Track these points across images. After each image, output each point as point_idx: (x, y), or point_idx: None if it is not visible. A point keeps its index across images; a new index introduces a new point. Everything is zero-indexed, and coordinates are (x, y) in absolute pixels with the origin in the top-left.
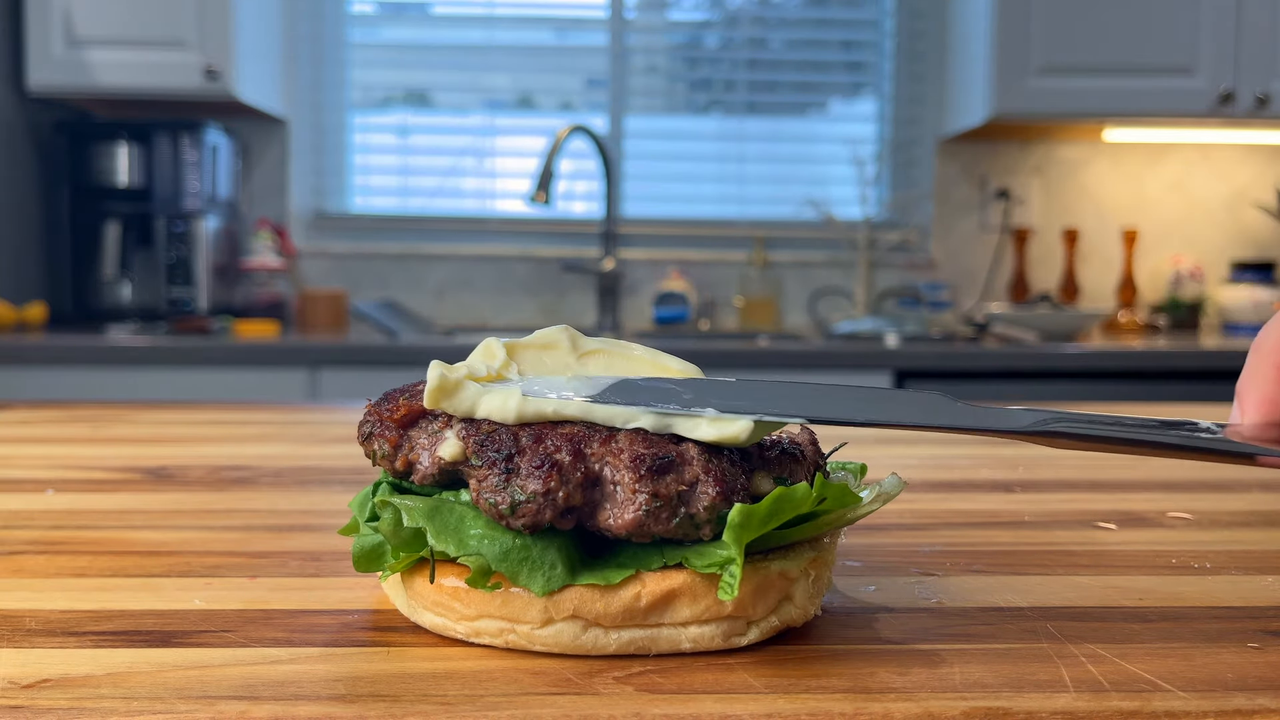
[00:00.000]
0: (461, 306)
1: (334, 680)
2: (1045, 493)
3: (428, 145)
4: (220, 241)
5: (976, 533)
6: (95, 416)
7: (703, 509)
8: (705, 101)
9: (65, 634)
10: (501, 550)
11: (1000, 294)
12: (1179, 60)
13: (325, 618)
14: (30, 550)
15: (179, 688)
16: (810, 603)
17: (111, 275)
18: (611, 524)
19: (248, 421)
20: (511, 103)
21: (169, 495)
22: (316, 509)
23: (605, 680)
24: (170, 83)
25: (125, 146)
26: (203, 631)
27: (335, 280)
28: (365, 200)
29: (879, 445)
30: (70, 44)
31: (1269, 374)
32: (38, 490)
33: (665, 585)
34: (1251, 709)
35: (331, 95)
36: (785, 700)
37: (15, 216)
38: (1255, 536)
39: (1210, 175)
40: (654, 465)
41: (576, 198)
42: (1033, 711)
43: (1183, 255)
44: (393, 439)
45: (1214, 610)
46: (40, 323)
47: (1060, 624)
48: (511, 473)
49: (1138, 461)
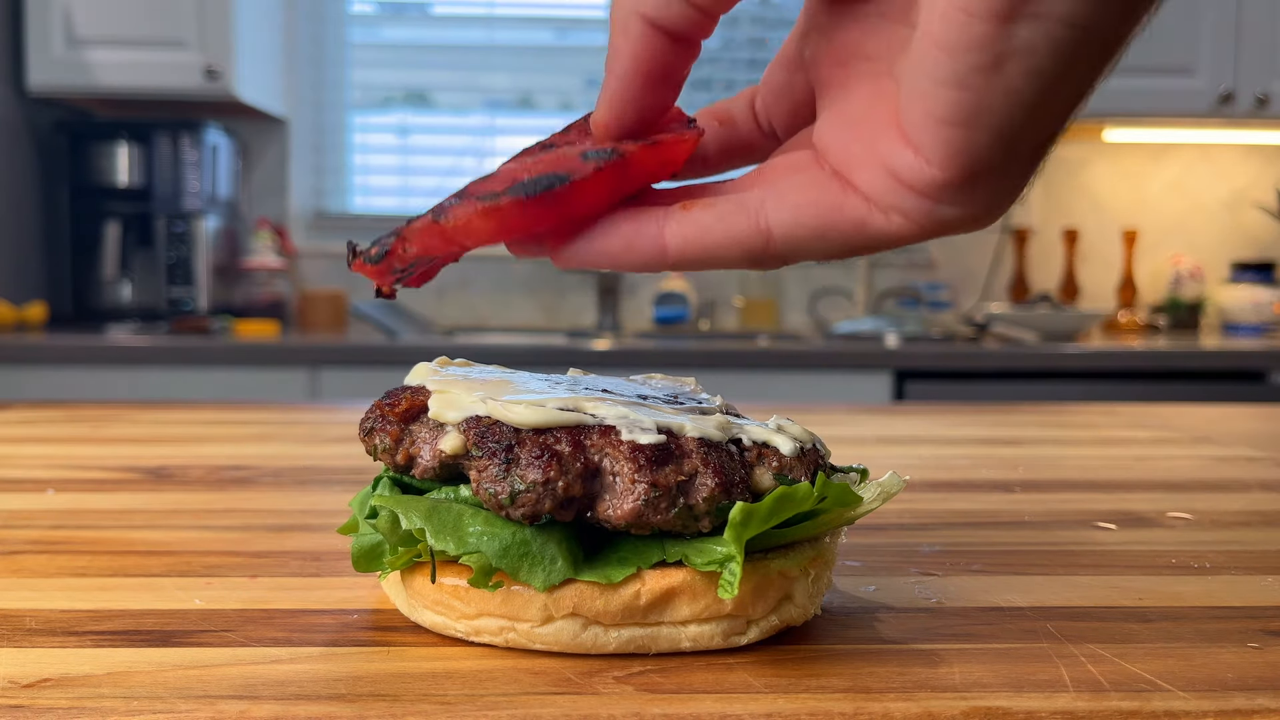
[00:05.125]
0: (461, 306)
1: (334, 680)
2: (1045, 493)
3: (428, 145)
4: (220, 241)
5: (976, 533)
6: (95, 416)
7: (701, 500)
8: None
9: (65, 634)
10: (501, 546)
11: (1000, 294)
12: (1179, 60)
13: (325, 617)
14: (30, 550)
15: (179, 687)
16: (810, 602)
17: (111, 275)
18: (611, 515)
19: (248, 421)
20: (511, 103)
21: (169, 495)
22: (316, 509)
23: (605, 680)
24: (170, 83)
25: (125, 146)
26: (203, 631)
27: (335, 280)
28: (365, 200)
29: (879, 445)
30: (70, 44)
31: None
32: (38, 490)
33: (665, 583)
34: (1251, 709)
35: (331, 95)
36: (785, 700)
37: (15, 216)
38: (1255, 536)
39: (1210, 175)
40: (653, 456)
41: None
42: (1033, 711)
43: (1183, 255)
44: (394, 433)
45: (1214, 610)
46: (40, 323)
47: (1060, 624)
48: (511, 463)
49: (1137, 461)
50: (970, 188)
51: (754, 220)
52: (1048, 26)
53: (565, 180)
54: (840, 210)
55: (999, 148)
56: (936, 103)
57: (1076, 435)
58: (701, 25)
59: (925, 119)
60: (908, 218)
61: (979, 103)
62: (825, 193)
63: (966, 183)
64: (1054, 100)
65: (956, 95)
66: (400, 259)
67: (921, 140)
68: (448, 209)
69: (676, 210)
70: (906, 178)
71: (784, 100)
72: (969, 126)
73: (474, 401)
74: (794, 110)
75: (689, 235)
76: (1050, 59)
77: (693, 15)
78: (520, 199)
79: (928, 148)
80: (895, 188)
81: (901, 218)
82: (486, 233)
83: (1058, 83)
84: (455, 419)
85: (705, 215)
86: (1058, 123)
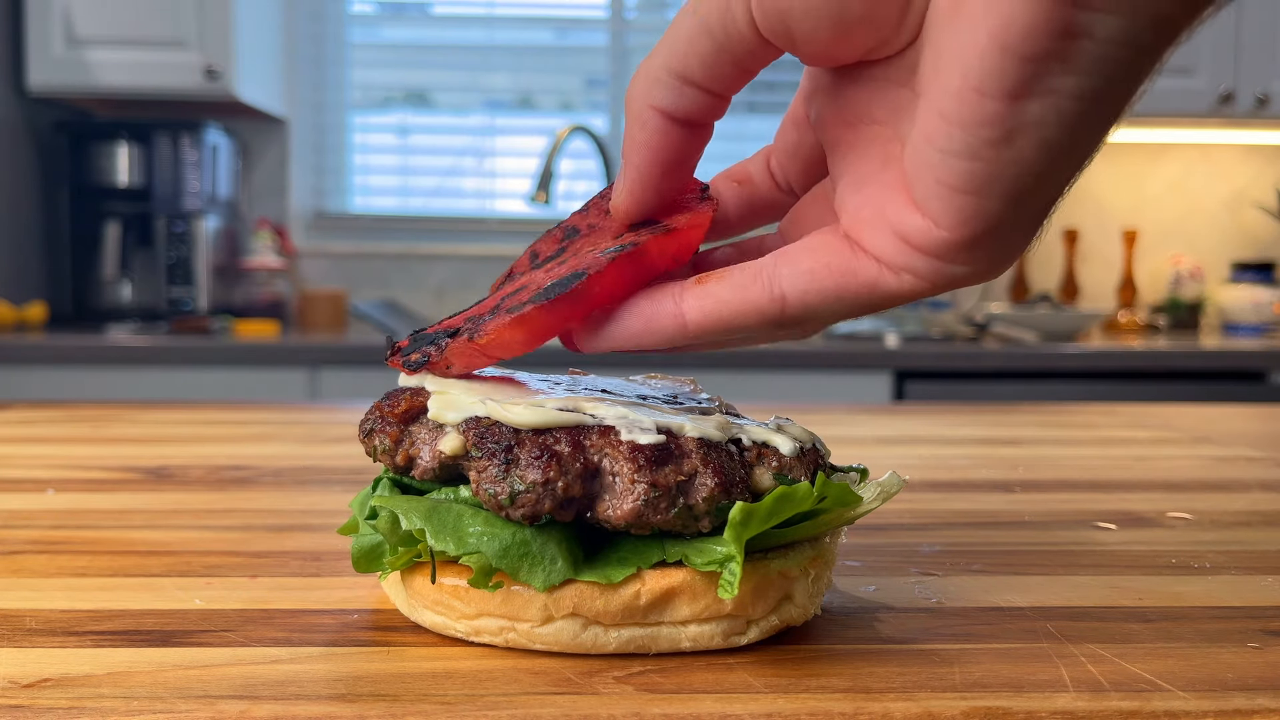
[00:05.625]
0: (461, 306)
1: (334, 680)
2: (1045, 493)
3: (428, 145)
4: (220, 241)
5: (976, 533)
6: (95, 416)
7: (701, 500)
8: None
9: (65, 634)
10: (501, 546)
11: (1000, 294)
12: (1179, 60)
13: (325, 617)
14: (30, 550)
15: (179, 687)
16: (810, 602)
17: (111, 275)
18: (611, 515)
19: (248, 421)
20: (511, 103)
21: (169, 495)
22: (316, 509)
23: (605, 680)
24: (170, 83)
25: (125, 146)
26: (203, 631)
27: (335, 280)
28: (365, 200)
29: (879, 445)
30: (70, 44)
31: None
32: (38, 490)
33: (665, 583)
34: (1251, 709)
35: (331, 95)
36: (785, 700)
37: (15, 216)
38: (1255, 536)
39: (1210, 175)
40: (653, 456)
41: (576, 198)
42: (1033, 711)
43: (1183, 255)
44: (394, 434)
45: (1214, 610)
46: (40, 323)
47: (1060, 624)
48: (511, 463)
49: (1137, 461)
50: (980, 248)
51: (768, 288)
52: (1058, 101)
53: (584, 276)
54: (853, 273)
55: (1008, 211)
56: (947, 172)
57: (1076, 435)
58: (715, 108)
59: (936, 186)
60: (919, 277)
61: (990, 172)
62: (837, 256)
63: (976, 244)
64: (1062, 165)
65: (967, 166)
66: (439, 370)
67: (931, 206)
68: (481, 326)
69: (691, 285)
70: (916, 241)
71: (797, 159)
72: (979, 195)
73: (473, 402)
74: (807, 168)
75: (707, 308)
76: (1059, 130)
77: (706, 100)
78: (544, 303)
79: (937, 213)
80: (905, 250)
81: (913, 277)
82: (519, 342)
83: (1067, 150)
84: (455, 420)
85: (720, 288)
86: (1065, 184)
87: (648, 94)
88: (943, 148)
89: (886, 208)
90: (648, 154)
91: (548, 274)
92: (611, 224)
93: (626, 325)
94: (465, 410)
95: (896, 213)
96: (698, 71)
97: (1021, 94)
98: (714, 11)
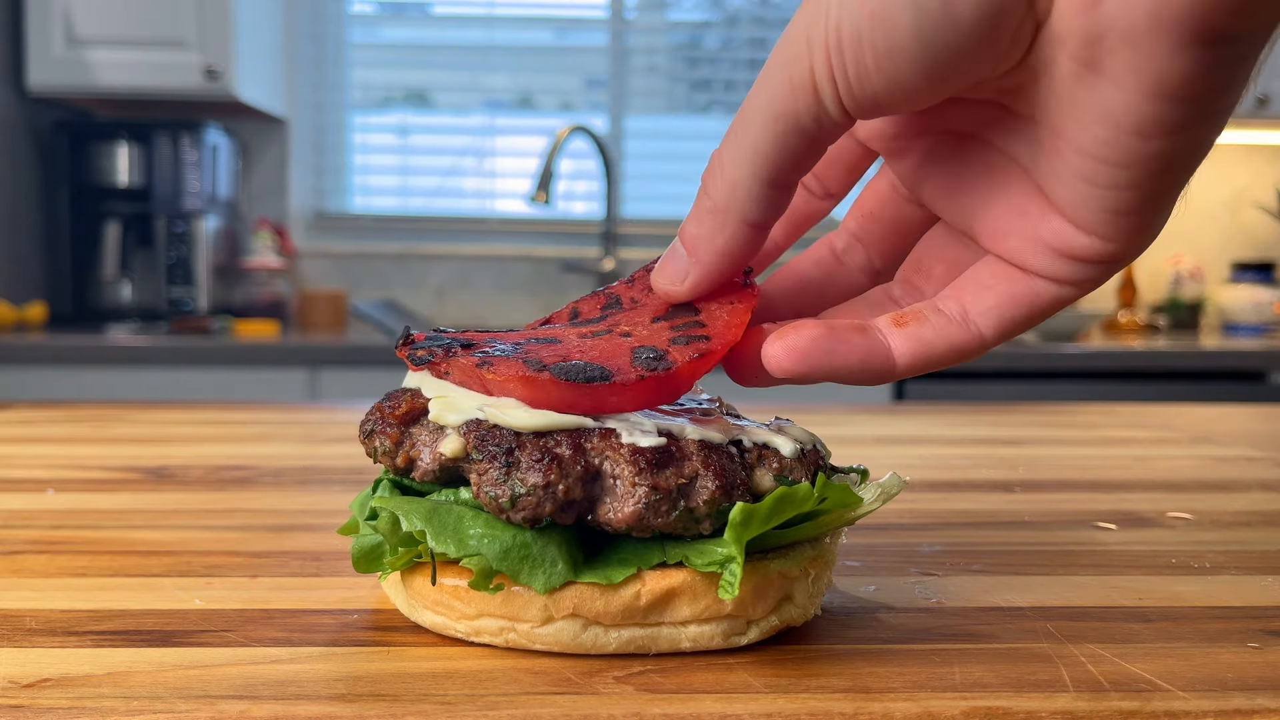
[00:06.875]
0: (461, 306)
1: (334, 680)
2: (1045, 493)
3: (428, 145)
4: (220, 241)
5: (976, 533)
6: (95, 416)
7: (702, 503)
8: (705, 101)
9: (65, 634)
10: (502, 549)
11: None
12: None
13: (325, 617)
14: (30, 550)
15: (179, 687)
16: (810, 603)
17: (111, 275)
18: (612, 518)
19: (248, 421)
20: (511, 103)
21: (169, 495)
22: (316, 509)
23: (605, 680)
24: (170, 83)
25: (125, 146)
26: (203, 631)
27: (335, 280)
28: (365, 200)
29: (879, 445)
30: (70, 44)
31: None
32: (38, 490)
33: (665, 584)
34: (1251, 709)
35: (331, 95)
36: (785, 700)
37: (15, 216)
38: (1255, 536)
39: (1210, 175)
40: (653, 459)
41: (576, 198)
42: (1033, 711)
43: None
44: (394, 435)
45: (1214, 610)
46: (40, 323)
47: (1060, 624)
48: (512, 466)
49: (1137, 461)
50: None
51: (966, 328)
52: (1219, 118)
53: (607, 379)
54: (1036, 295)
55: (1166, 213)
56: (1113, 201)
57: (1076, 435)
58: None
59: (1102, 214)
60: (1093, 283)
61: (1155, 190)
62: (1015, 284)
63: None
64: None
65: (1133, 195)
66: (436, 372)
67: (1099, 230)
68: (495, 361)
69: (892, 327)
70: (1089, 257)
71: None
72: (1143, 214)
73: (474, 404)
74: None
75: (916, 351)
76: (1208, 144)
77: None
78: (561, 380)
79: (1105, 234)
80: (1078, 266)
81: (1088, 285)
82: (521, 396)
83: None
84: (455, 422)
85: (924, 331)
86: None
87: (741, 209)
88: (1105, 185)
89: (1041, 233)
90: (724, 260)
91: (581, 340)
92: (654, 300)
93: (840, 356)
94: (466, 412)
95: (1060, 238)
96: (794, 174)
97: (1179, 128)
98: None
